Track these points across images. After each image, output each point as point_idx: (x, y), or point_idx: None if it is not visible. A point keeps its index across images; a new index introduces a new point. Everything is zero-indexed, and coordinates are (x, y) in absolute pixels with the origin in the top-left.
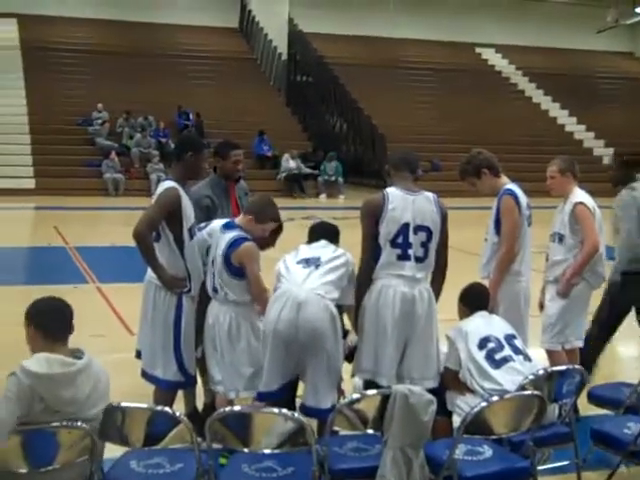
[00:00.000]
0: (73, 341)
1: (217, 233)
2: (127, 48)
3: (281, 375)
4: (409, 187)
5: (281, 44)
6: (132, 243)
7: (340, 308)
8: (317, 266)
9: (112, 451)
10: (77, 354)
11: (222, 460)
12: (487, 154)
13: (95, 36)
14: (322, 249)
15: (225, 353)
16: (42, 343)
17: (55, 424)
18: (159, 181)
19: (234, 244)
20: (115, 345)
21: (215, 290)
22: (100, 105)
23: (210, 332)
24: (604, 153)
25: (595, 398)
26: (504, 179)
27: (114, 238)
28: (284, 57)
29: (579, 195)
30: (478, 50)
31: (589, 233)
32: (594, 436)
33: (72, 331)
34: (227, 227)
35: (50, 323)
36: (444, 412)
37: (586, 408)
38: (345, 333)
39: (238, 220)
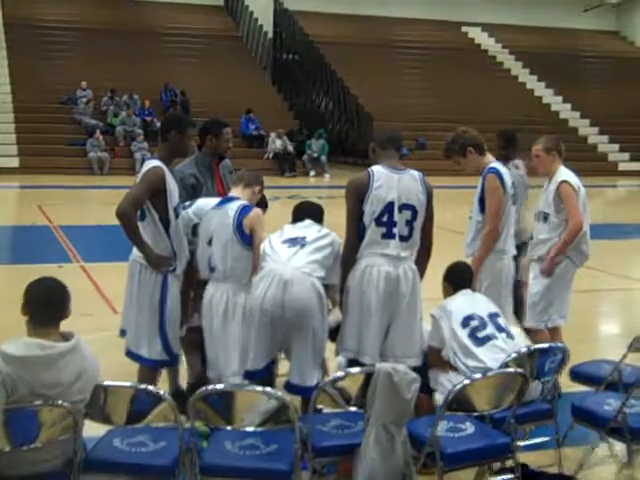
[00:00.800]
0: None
1: (210, 211)
2: (112, 26)
3: (268, 353)
4: (394, 165)
5: (267, 22)
6: (117, 222)
7: (325, 287)
8: (303, 245)
9: (95, 429)
10: (66, 335)
11: (202, 427)
12: (473, 132)
13: (79, 14)
14: (307, 229)
15: (218, 333)
16: (30, 326)
17: (37, 402)
18: (144, 160)
19: (244, 211)
20: (100, 324)
21: (213, 269)
22: (84, 83)
23: (207, 312)
24: (589, 132)
25: (577, 375)
26: (489, 157)
27: (99, 217)
28: (270, 35)
29: (564, 174)
30: (464, 29)
31: (573, 212)
32: (575, 413)
33: (67, 315)
34: (225, 201)
35: (37, 307)
36: (427, 390)
37: (568, 385)
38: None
39: (237, 193)
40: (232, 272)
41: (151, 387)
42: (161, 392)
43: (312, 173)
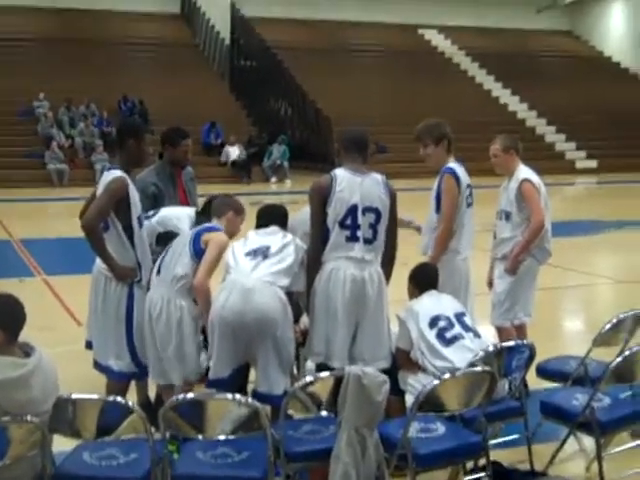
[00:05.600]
0: (22, 335)
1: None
2: (67, 36)
3: (230, 362)
4: (357, 168)
5: (224, 29)
6: (79, 234)
7: (290, 295)
8: (265, 257)
9: (64, 444)
10: (26, 349)
11: (171, 447)
12: (450, 130)
13: (33, 24)
14: (271, 236)
15: (150, 337)
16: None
17: (5, 419)
18: (104, 170)
19: (209, 228)
20: (64, 337)
21: (159, 271)
22: (42, 94)
23: (145, 317)
24: (546, 131)
25: (543, 372)
26: (451, 157)
27: (60, 229)
28: (227, 42)
29: (524, 172)
30: (421, 31)
31: (535, 210)
32: (544, 409)
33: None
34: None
35: (13, 323)
36: (397, 392)
37: (535, 382)
38: (297, 317)
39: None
40: (172, 278)
41: (120, 398)
42: (130, 403)
43: (273, 179)
